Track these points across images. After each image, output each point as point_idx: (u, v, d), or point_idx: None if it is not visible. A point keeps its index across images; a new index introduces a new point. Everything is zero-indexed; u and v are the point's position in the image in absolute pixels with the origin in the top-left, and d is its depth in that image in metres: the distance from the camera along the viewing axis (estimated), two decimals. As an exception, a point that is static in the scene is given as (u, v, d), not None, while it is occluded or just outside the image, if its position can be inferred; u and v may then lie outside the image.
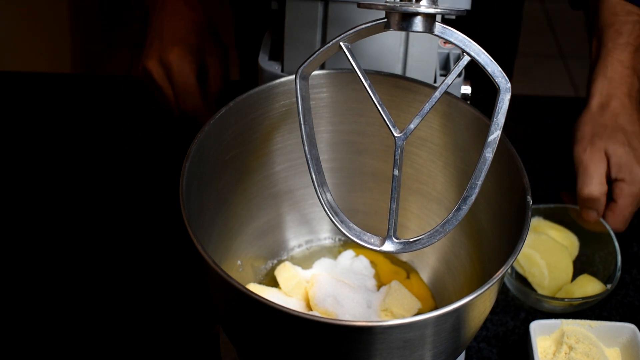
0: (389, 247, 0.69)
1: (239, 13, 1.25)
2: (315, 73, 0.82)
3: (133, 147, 1.17)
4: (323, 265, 0.90)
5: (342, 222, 0.70)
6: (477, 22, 1.08)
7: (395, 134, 0.67)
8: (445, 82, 0.66)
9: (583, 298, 0.93)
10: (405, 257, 0.94)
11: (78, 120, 1.22)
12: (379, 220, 0.91)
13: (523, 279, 0.98)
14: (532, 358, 0.86)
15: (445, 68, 0.93)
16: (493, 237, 0.80)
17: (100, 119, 1.22)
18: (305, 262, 0.93)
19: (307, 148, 0.71)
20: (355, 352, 0.66)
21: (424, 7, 0.64)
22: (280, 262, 0.92)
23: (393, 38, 0.86)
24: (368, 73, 0.69)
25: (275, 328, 0.68)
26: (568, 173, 0.98)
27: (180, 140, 0.79)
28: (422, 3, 0.64)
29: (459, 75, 0.87)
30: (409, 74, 0.88)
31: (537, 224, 1.02)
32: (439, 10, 0.64)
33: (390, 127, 0.67)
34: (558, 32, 2.88)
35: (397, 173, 0.67)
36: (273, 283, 0.90)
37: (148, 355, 0.91)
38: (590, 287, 0.95)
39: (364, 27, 0.68)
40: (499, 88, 0.65)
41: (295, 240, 0.95)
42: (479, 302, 0.68)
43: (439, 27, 0.66)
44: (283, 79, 0.82)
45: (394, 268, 0.93)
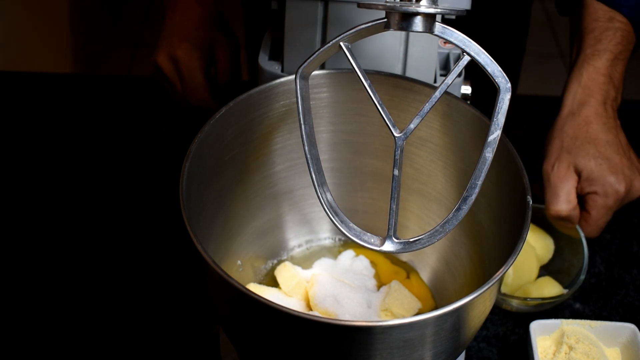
0: (389, 247, 0.69)
1: (249, 14, 1.26)
2: (315, 73, 0.82)
3: (133, 147, 1.17)
4: (323, 265, 0.90)
5: (342, 222, 0.70)
6: (482, 22, 1.08)
7: (395, 134, 0.67)
8: (445, 82, 0.66)
9: (542, 299, 0.93)
10: (405, 257, 0.94)
11: (78, 120, 1.22)
12: (379, 220, 0.91)
13: None
14: (532, 358, 0.86)
15: (445, 68, 0.93)
16: (493, 237, 0.80)
17: (100, 119, 1.22)
18: (305, 262, 0.93)
19: (307, 148, 0.71)
20: (355, 352, 0.66)
21: (424, 7, 0.64)
22: (280, 262, 0.92)
23: (393, 38, 0.86)
24: (368, 73, 0.69)
25: (275, 328, 0.68)
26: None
27: (185, 137, 0.79)
28: (422, 3, 0.64)
29: (459, 75, 0.87)
30: (409, 74, 0.88)
31: None
32: (439, 10, 0.64)
33: (390, 127, 0.67)
34: (558, 32, 2.88)
35: (397, 173, 0.67)
36: (273, 283, 0.90)
37: (148, 356, 0.91)
38: (548, 289, 0.95)
39: (364, 27, 0.68)
40: (499, 88, 0.65)
41: (295, 240, 0.95)
42: (479, 302, 0.68)
43: (439, 27, 0.66)
44: (283, 79, 0.82)
45: (394, 268, 0.93)
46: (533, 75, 2.07)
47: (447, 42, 0.66)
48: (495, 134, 0.66)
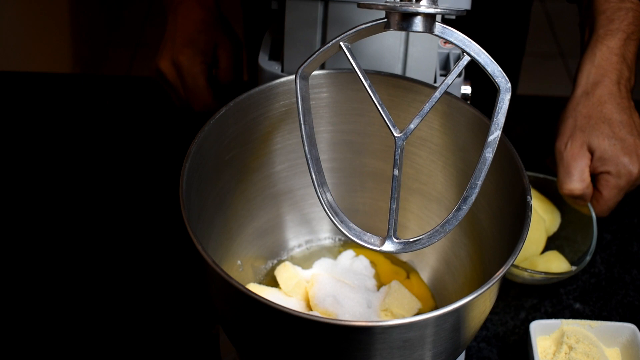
0: (389, 247, 0.69)
1: (249, 14, 1.26)
2: (315, 73, 0.82)
3: (133, 147, 1.17)
4: (323, 265, 0.90)
5: (342, 222, 0.70)
6: (483, 22, 1.08)
7: (395, 134, 0.67)
8: (445, 82, 0.66)
9: (545, 273, 0.93)
10: (405, 257, 0.94)
11: (78, 121, 1.22)
12: (379, 220, 0.91)
13: None
14: (532, 358, 0.86)
15: (445, 68, 0.93)
16: (493, 237, 0.80)
17: (100, 119, 1.22)
18: (305, 262, 0.93)
19: (307, 148, 0.71)
20: (355, 352, 0.66)
21: (424, 7, 0.64)
22: (280, 262, 0.92)
23: (393, 38, 0.86)
24: (368, 73, 0.69)
25: (275, 328, 0.68)
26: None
27: (185, 137, 0.79)
28: (422, 3, 0.64)
29: (459, 75, 0.87)
30: (409, 74, 0.88)
31: None
32: (439, 10, 0.64)
33: (390, 127, 0.67)
34: (558, 32, 2.88)
35: (397, 173, 0.67)
36: (273, 283, 0.90)
37: (148, 356, 0.91)
38: (556, 264, 0.95)
39: (364, 27, 0.68)
40: (499, 88, 0.65)
41: (295, 240, 0.95)
42: (479, 302, 0.68)
43: (439, 27, 0.66)
44: (283, 79, 0.82)
45: (394, 268, 0.93)
46: (533, 75, 2.07)
47: (447, 42, 0.66)
48: (495, 134, 0.66)
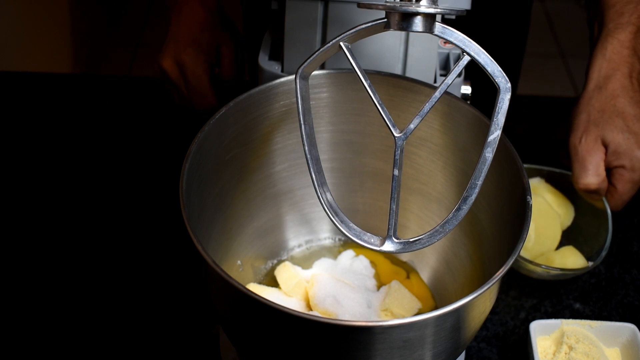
0: (389, 247, 0.69)
1: (249, 14, 1.26)
2: (315, 73, 0.82)
3: (133, 147, 1.17)
4: (323, 265, 0.90)
5: (342, 222, 0.70)
6: (483, 22, 1.08)
7: (395, 134, 0.67)
8: (445, 82, 0.66)
9: (561, 269, 0.93)
10: (405, 257, 0.94)
11: (78, 121, 1.22)
12: (379, 220, 0.91)
13: None
14: (532, 358, 0.86)
15: (445, 68, 0.93)
16: (493, 237, 0.80)
17: (100, 119, 1.22)
18: (305, 262, 0.93)
19: (307, 148, 0.71)
20: (355, 352, 0.66)
21: (424, 7, 0.64)
22: (280, 262, 0.92)
23: (393, 38, 0.86)
24: (368, 73, 0.69)
25: (275, 328, 0.68)
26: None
27: (185, 137, 0.79)
28: (422, 3, 0.64)
29: (459, 75, 0.87)
30: (409, 74, 0.88)
31: (536, 185, 1.01)
32: (439, 10, 0.64)
33: (390, 127, 0.67)
34: (558, 32, 2.88)
35: (397, 173, 0.67)
36: (273, 283, 0.90)
37: (148, 356, 0.91)
38: (572, 260, 0.95)
39: (364, 27, 0.68)
40: (499, 88, 0.65)
41: (295, 240, 0.95)
42: (479, 302, 0.68)
43: (439, 27, 0.66)
44: (283, 79, 0.82)
45: (394, 268, 0.93)
46: (533, 75, 2.08)
47: (447, 42, 0.66)
48: (495, 134, 0.66)
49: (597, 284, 1.00)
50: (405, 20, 0.65)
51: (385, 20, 0.66)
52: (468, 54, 0.66)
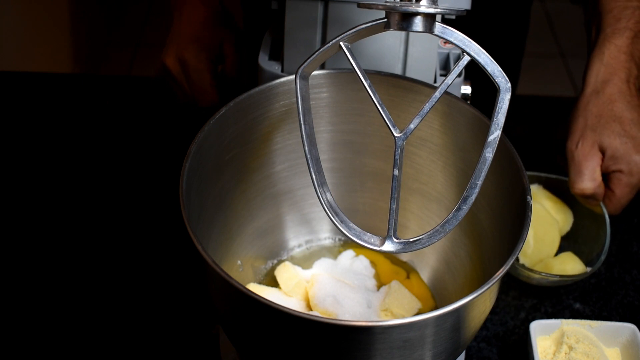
0: (389, 247, 0.69)
1: (249, 14, 1.26)
2: (315, 73, 0.82)
3: (133, 147, 1.17)
4: (323, 265, 0.90)
5: (342, 222, 0.70)
6: (483, 22, 1.08)
7: (395, 134, 0.67)
8: (445, 82, 0.66)
9: (560, 276, 0.93)
10: (405, 257, 0.94)
11: (78, 121, 1.22)
12: (379, 220, 0.91)
13: None
14: (532, 358, 0.86)
15: (445, 68, 0.93)
16: (493, 237, 0.80)
17: (100, 119, 1.22)
18: (305, 262, 0.93)
19: (307, 148, 0.71)
20: (355, 352, 0.66)
21: (424, 7, 0.64)
22: (280, 262, 0.92)
23: (393, 38, 0.86)
24: (368, 73, 0.69)
25: (275, 328, 0.68)
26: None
27: (185, 137, 0.80)
28: (422, 3, 0.64)
29: (459, 75, 0.87)
30: (409, 74, 0.88)
31: (534, 192, 1.01)
32: (439, 10, 0.64)
33: (390, 127, 0.67)
34: (558, 32, 2.88)
35: (397, 173, 0.67)
36: (273, 283, 0.90)
37: (148, 356, 0.91)
38: (571, 266, 0.95)
39: (364, 27, 0.68)
40: (499, 88, 0.65)
41: (295, 240, 0.95)
42: (479, 302, 0.68)
43: (439, 27, 0.66)
44: (283, 79, 0.82)
45: (394, 268, 0.93)
46: (533, 75, 2.08)
47: (447, 42, 0.66)
48: (495, 134, 0.66)
49: (597, 284, 1.00)
50: (405, 20, 0.65)
51: (385, 20, 0.66)
52: (468, 54, 0.66)
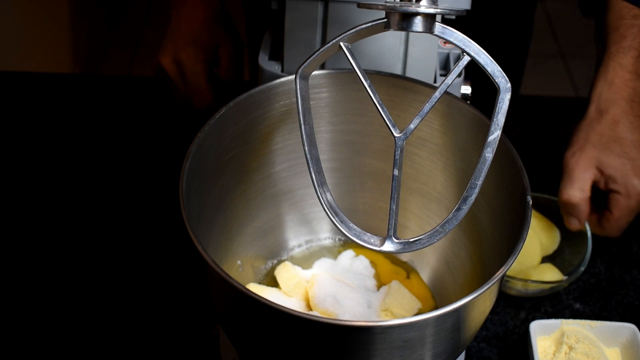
0: (389, 247, 0.69)
1: (250, 14, 1.26)
2: (315, 73, 0.82)
3: (133, 147, 1.17)
4: (323, 265, 0.90)
5: (342, 222, 0.70)
6: (487, 23, 1.08)
7: (395, 134, 0.67)
8: (445, 82, 0.66)
9: (542, 282, 0.94)
10: (405, 257, 0.94)
11: (78, 121, 1.22)
12: (379, 220, 0.91)
13: None
14: (532, 358, 0.86)
15: (445, 68, 0.93)
16: (493, 237, 0.80)
17: (100, 119, 1.22)
18: (305, 262, 0.93)
19: (307, 148, 0.71)
20: (355, 352, 0.66)
21: (424, 7, 0.64)
22: (280, 262, 0.92)
23: (393, 38, 0.86)
24: (368, 73, 0.69)
25: (275, 328, 0.68)
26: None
27: (185, 137, 0.80)
28: (422, 3, 0.64)
29: (459, 75, 0.87)
30: (409, 74, 0.88)
31: None
32: (439, 10, 0.64)
33: (390, 127, 0.67)
34: (558, 32, 2.88)
35: (397, 173, 0.67)
36: (273, 283, 0.90)
37: (148, 356, 0.91)
38: (549, 275, 0.96)
39: (364, 27, 0.68)
40: (499, 88, 0.65)
41: (295, 240, 0.95)
42: (479, 302, 0.68)
43: (439, 27, 0.66)
44: (283, 79, 0.82)
45: (394, 268, 0.93)
46: (533, 76, 2.08)
47: (447, 42, 0.66)
48: (495, 134, 0.66)
49: (597, 284, 1.00)
50: (405, 20, 0.65)
51: (385, 21, 0.66)
52: (468, 54, 0.66)
